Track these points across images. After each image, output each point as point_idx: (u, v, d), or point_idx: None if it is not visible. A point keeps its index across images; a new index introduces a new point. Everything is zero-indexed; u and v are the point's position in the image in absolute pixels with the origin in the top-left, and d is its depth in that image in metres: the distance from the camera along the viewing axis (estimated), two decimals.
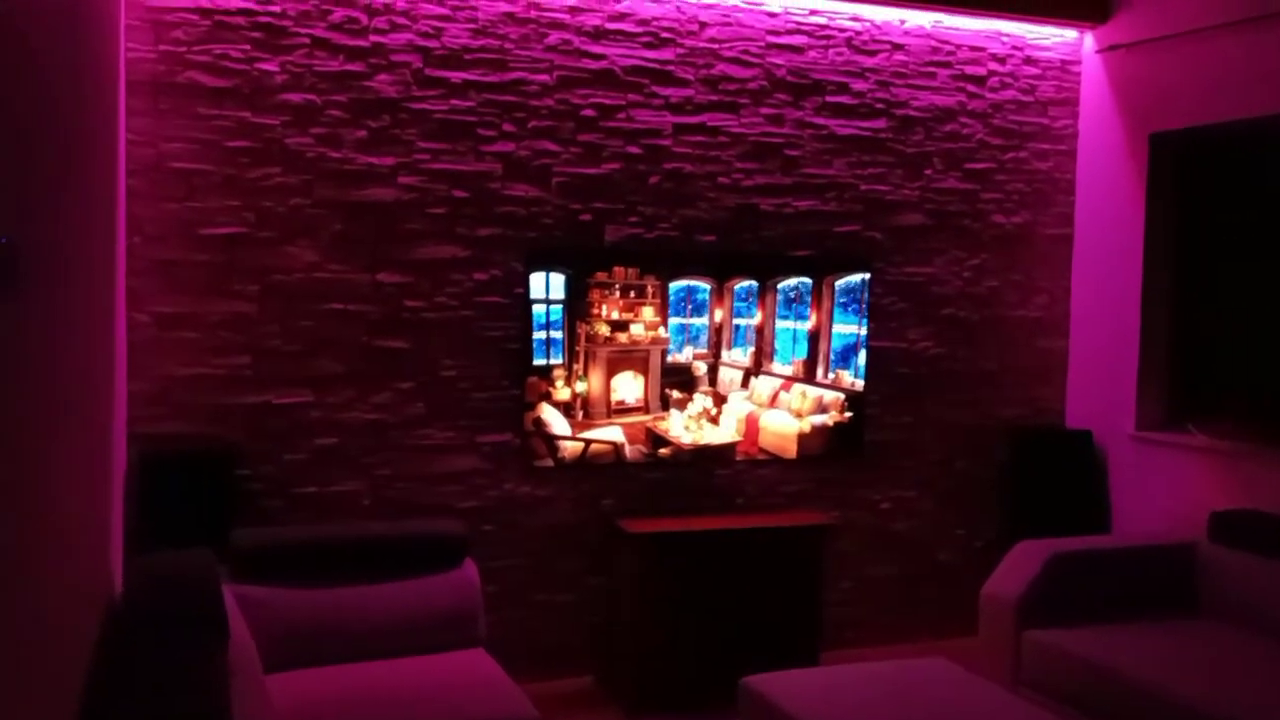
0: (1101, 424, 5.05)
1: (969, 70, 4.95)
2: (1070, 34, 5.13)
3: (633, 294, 4.46)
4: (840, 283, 4.76)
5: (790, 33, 4.65)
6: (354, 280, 4.09)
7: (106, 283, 3.25)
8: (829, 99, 4.73)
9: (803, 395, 4.71)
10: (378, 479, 4.18)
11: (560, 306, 4.35)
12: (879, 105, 4.81)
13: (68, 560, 2.29)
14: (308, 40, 3.99)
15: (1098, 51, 5.07)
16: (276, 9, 3.95)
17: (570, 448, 4.40)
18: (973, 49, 4.95)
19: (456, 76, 4.18)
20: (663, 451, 4.54)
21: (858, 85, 4.77)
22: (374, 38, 4.06)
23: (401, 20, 4.09)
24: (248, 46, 3.92)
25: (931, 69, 4.89)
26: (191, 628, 2.50)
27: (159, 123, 3.84)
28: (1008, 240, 5.09)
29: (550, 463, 4.38)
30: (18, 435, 1.58)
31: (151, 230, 3.86)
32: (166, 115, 3.85)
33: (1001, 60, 5.01)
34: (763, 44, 4.61)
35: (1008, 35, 5.02)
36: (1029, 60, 5.07)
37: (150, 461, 3.72)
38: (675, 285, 4.51)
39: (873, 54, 4.79)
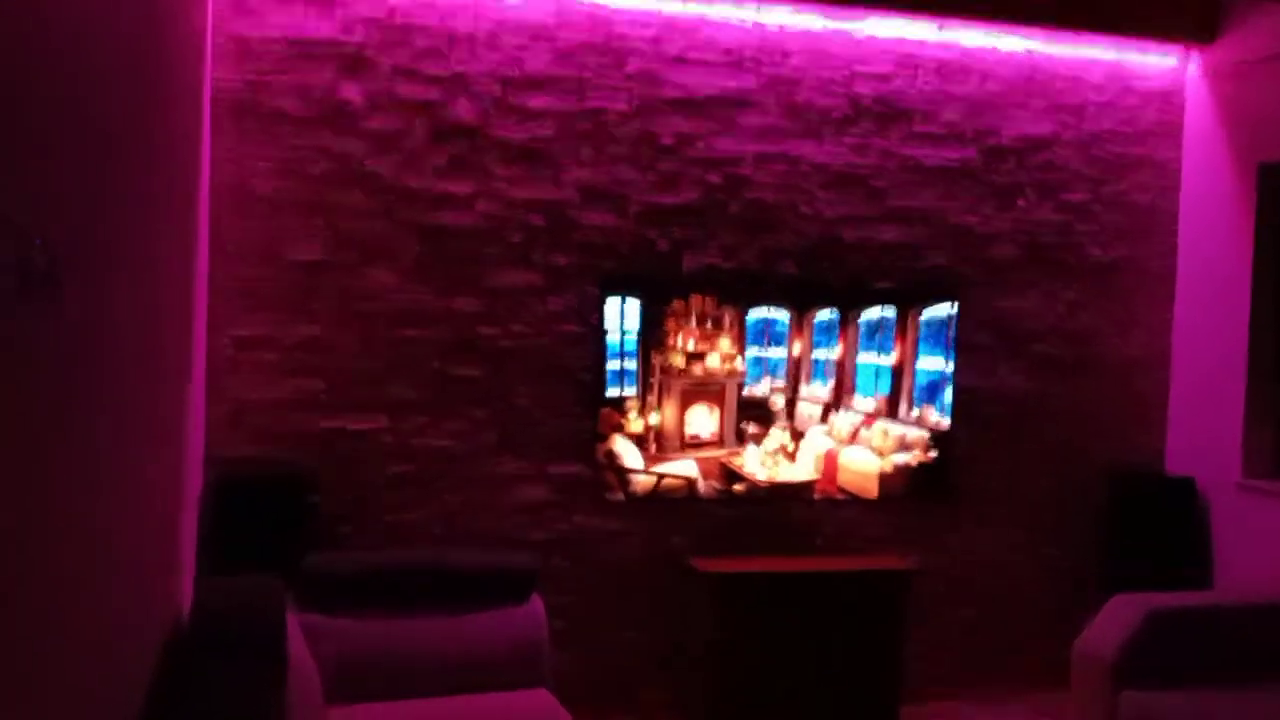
0: (1205, 470, 4.79)
1: (1064, 99, 4.79)
2: (1172, 60, 4.93)
3: (709, 324, 4.36)
4: (925, 316, 4.61)
5: (876, 60, 4.55)
6: (430, 305, 4.09)
7: (183, 303, 3.29)
8: (916, 128, 4.61)
9: (885, 433, 4.56)
10: (449, 507, 4.15)
11: (635, 336, 4.28)
12: (969, 135, 4.68)
13: (132, 582, 2.28)
14: (389, 68, 4.02)
15: (1203, 76, 4.86)
16: (359, 38, 3.99)
17: (642, 481, 4.32)
18: (1069, 78, 4.79)
19: (536, 103, 4.17)
20: (737, 488, 4.43)
21: (946, 114, 4.64)
22: (455, 65, 4.08)
23: (482, 48, 4.10)
24: (331, 73, 3.96)
25: (1024, 98, 4.73)
26: (251, 657, 2.47)
27: (243, 146, 3.90)
28: (1104, 274, 4.88)
29: (621, 496, 4.30)
30: (74, 452, 1.56)
31: (233, 252, 3.90)
32: (250, 138, 3.91)
33: (1099, 89, 4.84)
34: (848, 72, 4.52)
35: (1106, 63, 4.83)
36: (1128, 89, 4.88)
37: (225, 485, 3.75)
38: (753, 316, 4.41)
39: (963, 82, 4.66)
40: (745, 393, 4.42)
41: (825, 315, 4.50)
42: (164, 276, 2.80)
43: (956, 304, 4.61)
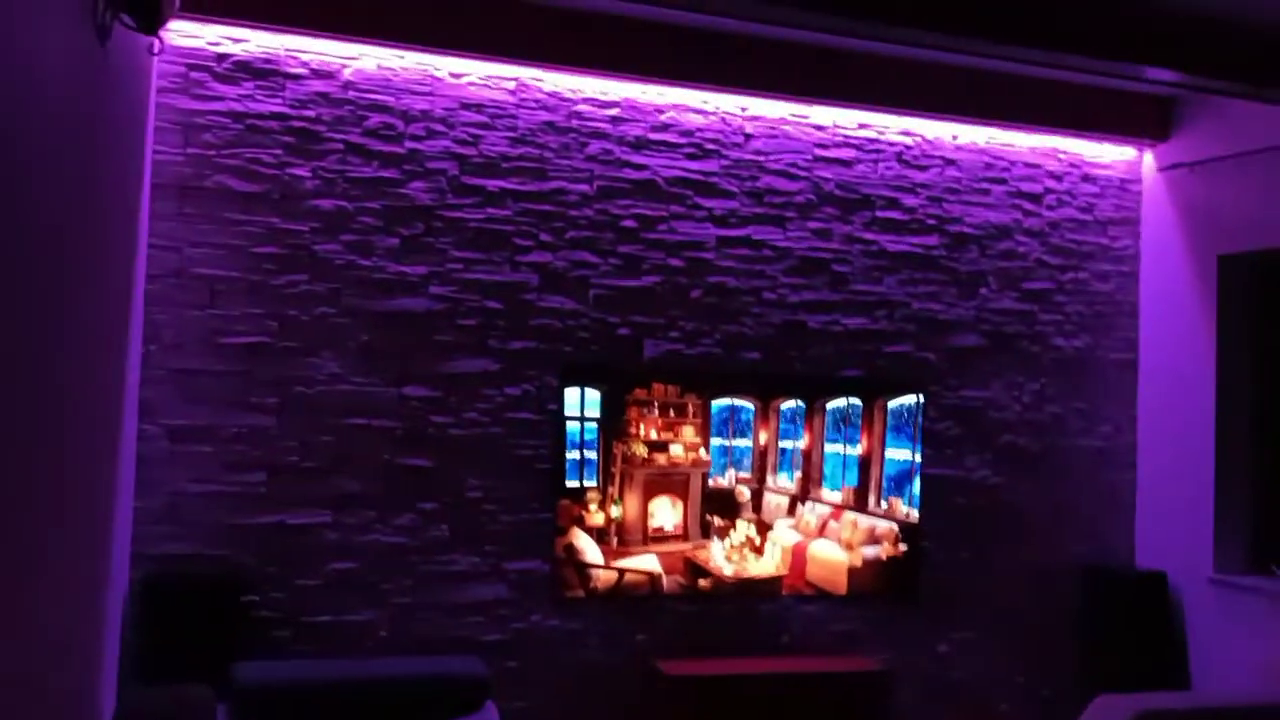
0: (1176, 565, 4.69)
1: (1025, 187, 4.80)
2: (1130, 151, 4.97)
3: (672, 413, 4.24)
4: (893, 405, 4.51)
5: (838, 146, 4.53)
6: (378, 394, 3.91)
7: (113, 392, 3.07)
8: (879, 214, 4.58)
9: (853, 525, 4.43)
10: (396, 608, 3.91)
11: (595, 425, 4.13)
12: (931, 221, 4.65)
13: (43, 693, 2.04)
14: (341, 145, 3.90)
15: (1160, 170, 4.91)
16: (311, 114, 3.87)
17: (604, 577, 4.13)
18: (1028, 165, 4.81)
19: (493, 184, 4.06)
20: (702, 583, 4.25)
21: (909, 200, 4.62)
22: (409, 144, 3.97)
23: (439, 127, 4.00)
24: (279, 151, 3.83)
25: (985, 185, 4.74)
26: None
27: (184, 227, 3.73)
28: (1069, 364, 4.84)
29: (581, 593, 4.10)
30: None
31: (170, 338, 3.70)
32: (192, 219, 3.74)
33: (1058, 177, 4.86)
34: (810, 157, 4.49)
35: (1064, 152, 4.87)
36: (1087, 178, 4.91)
37: (153, 584, 3.48)
38: (718, 404, 4.30)
39: (924, 169, 4.65)
40: (710, 483, 4.28)
41: (791, 404, 4.39)
42: (90, 362, 2.60)
43: (922, 394, 4.52)
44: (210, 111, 3.77)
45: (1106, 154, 4.94)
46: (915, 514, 4.50)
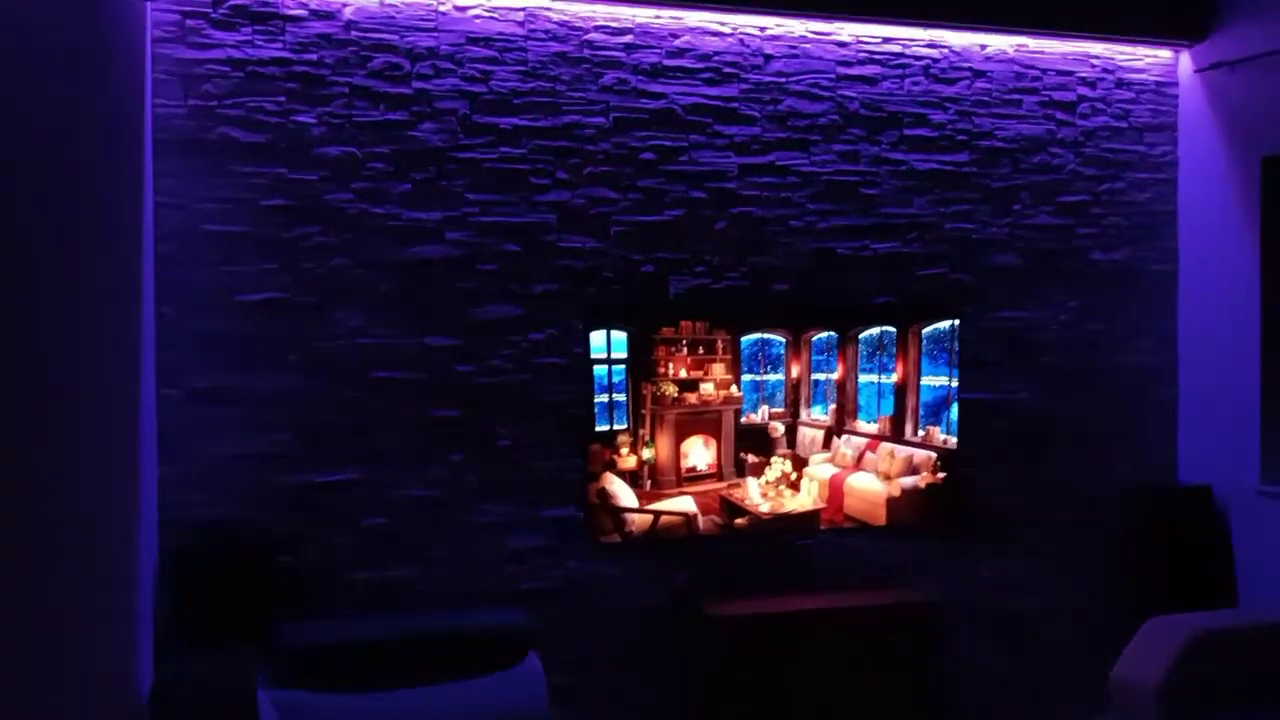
0: (1222, 478, 4.61)
1: (1057, 96, 4.63)
2: (1165, 53, 4.78)
3: (701, 350, 4.15)
4: (927, 331, 4.41)
5: (862, 63, 4.36)
6: (401, 345, 3.83)
7: (130, 358, 2.99)
8: (907, 132, 4.43)
9: (891, 455, 4.35)
10: (432, 561, 3.87)
11: (623, 367, 4.04)
12: (961, 137, 4.50)
13: (74, 665, 1.99)
14: (346, 89, 3.76)
15: (1197, 71, 4.71)
16: (313, 57, 3.73)
17: (639, 521, 4.07)
18: (1060, 73, 4.63)
19: (506, 122, 3.93)
20: (739, 522, 4.20)
21: (937, 116, 4.46)
22: (417, 84, 3.83)
23: (446, 64, 3.86)
24: (283, 98, 3.70)
25: (1017, 96, 4.57)
26: None
27: (190, 183, 3.62)
28: (1108, 279, 4.71)
29: (617, 538, 4.05)
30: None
31: (185, 299, 3.61)
32: (198, 174, 3.62)
33: (1091, 84, 4.68)
34: (833, 76, 4.32)
35: (1097, 58, 4.68)
36: (1121, 83, 4.73)
37: (184, 552, 3.44)
38: (747, 339, 4.19)
39: (952, 82, 4.48)
40: (743, 421, 4.20)
41: (823, 335, 4.29)
42: (101, 327, 2.52)
43: (958, 318, 4.41)
44: (209, 60, 3.63)
45: (1141, 57, 4.75)
46: (954, 441, 4.41)
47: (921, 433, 4.40)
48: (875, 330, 4.35)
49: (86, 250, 2.31)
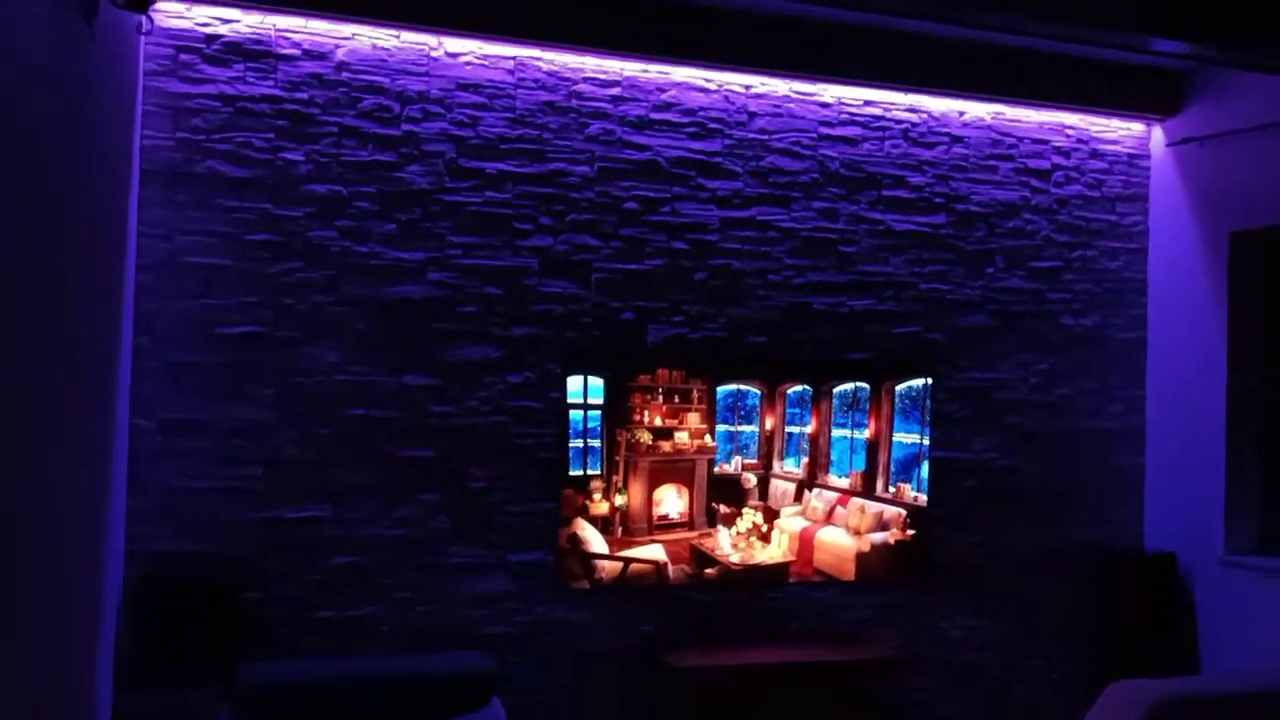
0: (1186, 547, 4.65)
1: (1032, 164, 4.72)
2: (1138, 126, 4.89)
3: (677, 399, 4.17)
4: (900, 388, 4.45)
5: (844, 123, 4.44)
6: (378, 384, 3.83)
7: (105, 387, 2.98)
8: (885, 193, 4.50)
9: (861, 510, 4.36)
10: (399, 602, 3.84)
11: (599, 412, 4.05)
12: (938, 200, 4.57)
13: (29, 696, 1.96)
14: (335, 129, 3.79)
15: (1169, 145, 4.82)
16: (304, 96, 3.76)
17: (608, 567, 4.06)
18: (1035, 141, 4.73)
19: (492, 167, 3.97)
20: (709, 572, 4.19)
21: (915, 179, 4.54)
22: (406, 126, 3.86)
23: (435, 108, 3.90)
24: (271, 135, 3.72)
25: (993, 162, 4.66)
26: None
27: (175, 214, 3.62)
28: (1078, 344, 4.78)
29: (586, 584, 4.03)
30: None
31: (162, 329, 3.60)
32: (183, 206, 3.63)
33: (1066, 154, 4.78)
34: (815, 135, 4.40)
35: (1072, 128, 4.79)
36: (1095, 154, 4.83)
37: (149, 584, 3.39)
38: (723, 389, 4.22)
39: (931, 146, 4.57)
40: (716, 471, 4.21)
41: (798, 388, 4.32)
42: (79, 351, 2.51)
43: (931, 376, 4.46)
44: (200, 95, 3.65)
45: (1115, 129, 4.86)
46: (924, 498, 4.44)
47: (892, 489, 4.42)
48: (849, 385, 4.38)
49: (64, 279, 2.31)
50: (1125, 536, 4.84)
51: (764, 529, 4.27)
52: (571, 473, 4.01)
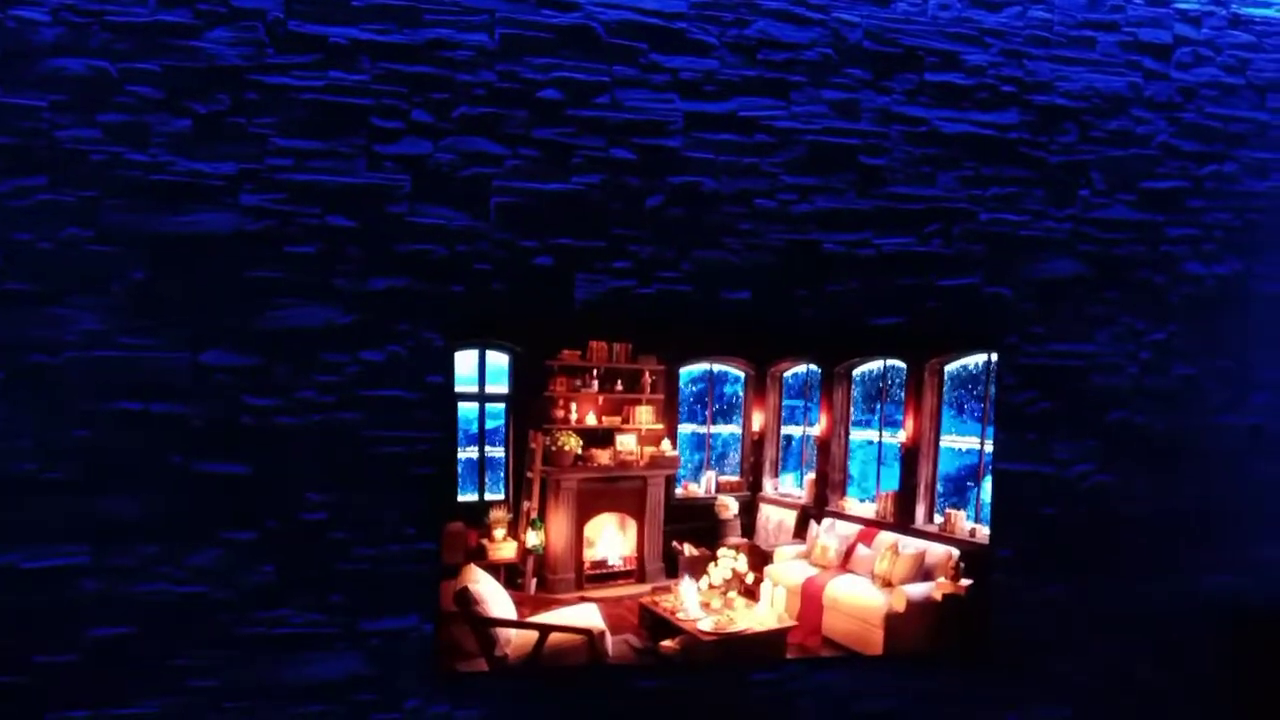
0: None
1: (1145, 36, 4.74)
2: None
3: (620, 386, 4.24)
4: (951, 368, 4.48)
5: None
6: (162, 363, 3.81)
7: None
8: (929, 77, 4.50)
9: (893, 551, 4.43)
10: (195, 695, 3.85)
11: (502, 406, 4.10)
12: (1007, 88, 4.59)
13: None
14: None
15: None
16: None
17: (517, 640, 4.10)
18: (1151, 3, 4.75)
19: (339, 34, 3.93)
20: (667, 645, 4.24)
21: (974, 57, 4.55)
22: None
23: None
24: None
25: (1088, 33, 4.67)
26: None
27: None
28: (1210, 304, 4.83)
29: (484, 665, 4.06)
30: None
31: None
32: None
33: (1195, 21, 4.80)
34: None
35: None
36: (1237, 20, 4.86)
37: None
38: (688, 372, 4.28)
39: (998, 8, 4.56)
40: (678, 493, 4.29)
41: (799, 369, 4.36)
42: None
43: (994, 352, 4.48)
44: None
45: None
46: (984, 531, 4.49)
47: (939, 518, 4.46)
48: (875, 365, 4.41)
49: None
50: (1269, 581, 4.93)
51: (749, 580, 4.33)
52: (461, 497, 4.05)
